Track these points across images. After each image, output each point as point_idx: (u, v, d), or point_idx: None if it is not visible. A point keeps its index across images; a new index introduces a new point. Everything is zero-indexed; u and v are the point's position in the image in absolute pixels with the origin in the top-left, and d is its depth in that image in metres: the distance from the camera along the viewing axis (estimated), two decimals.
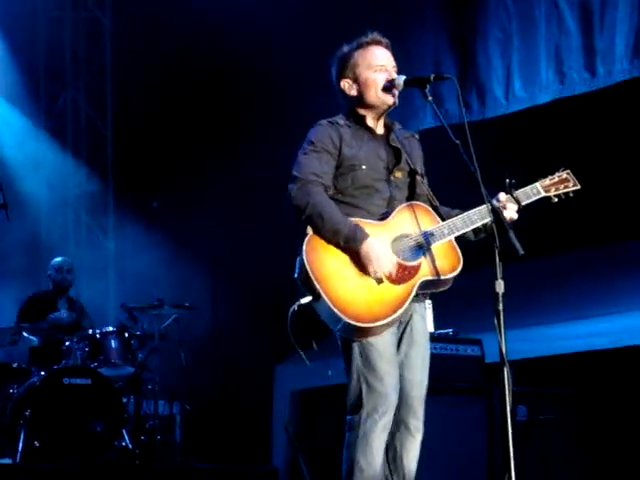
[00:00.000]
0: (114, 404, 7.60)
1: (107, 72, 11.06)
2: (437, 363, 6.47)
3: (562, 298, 7.92)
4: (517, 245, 3.92)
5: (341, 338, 4.16)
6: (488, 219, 4.11)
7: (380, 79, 4.27)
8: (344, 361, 4.19)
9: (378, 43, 4.34)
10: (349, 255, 4.07)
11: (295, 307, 4.06)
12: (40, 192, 10.48)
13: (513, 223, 4.19)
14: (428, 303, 4.34)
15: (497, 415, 6.56)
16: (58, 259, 8.87)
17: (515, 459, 3.77)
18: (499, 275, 3.88)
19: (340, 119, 4.32)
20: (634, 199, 8.32)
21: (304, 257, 4.03)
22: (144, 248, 9.81)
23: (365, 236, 4.05)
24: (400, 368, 4.19)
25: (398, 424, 4.20)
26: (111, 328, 8.08)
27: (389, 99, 4.27)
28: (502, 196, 4.26)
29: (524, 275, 7.25)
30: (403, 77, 4.24)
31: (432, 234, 4.15)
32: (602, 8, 7.76)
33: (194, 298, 8.56)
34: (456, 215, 4.24)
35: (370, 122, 4.34)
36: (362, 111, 4.33)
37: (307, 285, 4.03)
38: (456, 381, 6.72)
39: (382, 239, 4.11)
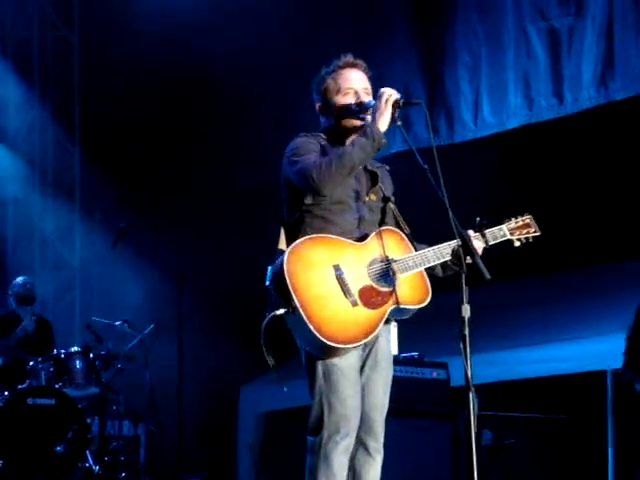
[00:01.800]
0: (78, 425, 7.54)
1: (75, 91, 11.01)
2: (403, 386, 6.56)
3: (528, 322, 7.96)
4: (484, 270, 3.92)
5: (306, 357, 4.14)
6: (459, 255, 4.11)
7: (347, 102, 4.26)
8: (308, 381, 4.16)
9: (352, 66, 4.33)
10: (327, 271, 4.03)
11: (269, 318, 4.01)
12: (5, 212, 10.40)
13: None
14: (393, 325, 4.34)
15: (462, 439, 6.58)
16: (19, 278, 8.85)
17: None
18: (465, 299, 3.88)
19: (319, 135, 4.31)
20: (599, 225, 8.40)
21: (285, 266, 3.98)
22: (110, 267, 9.77)
23: (371, 125, 4.05)
24: (362, 390, 4.16)
25: (357, 446, 4.17)
26: (76, 348, 8.05)
27: (357, 123, 4.25)
28: (471, 233, 4.29)
29: (491, 299, 7.29)
30: (373, 102, 4.23)
31: (405, 263, 4.16)
32: (570, 35, 7.82)
33: (160, 317, 8.54)
34: (424, 248, 4.25)
35: (348, 142, 4.28)
36: (339, 131, 4.31)
37: (283, 296, 3.99)
38: (421, 404, 6.72)
39: (359, 261, 4.11)
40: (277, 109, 9.19)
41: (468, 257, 4.01)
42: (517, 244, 4.44)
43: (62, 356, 7.95)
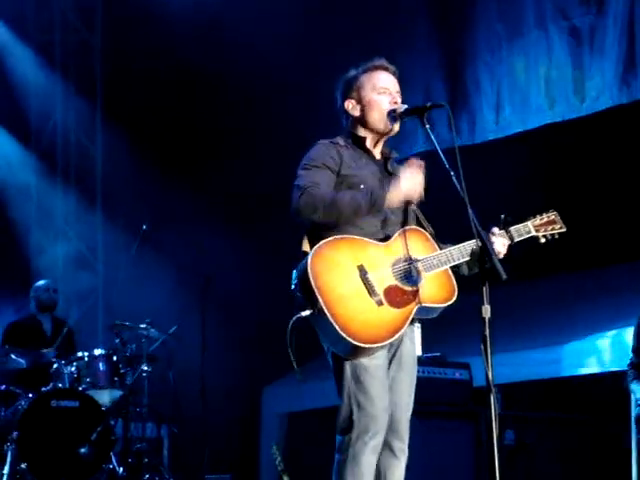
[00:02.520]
0: (102, 427, 7.56)
1: (97, 94, 11.06)
2: (425, 386, 6.53)
3: (550, 322, 7.93)
4: (500, 270, 3.92)
5: (333, 358, 4.16)
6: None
7: (383, 101, 4.32)
8: (335, 382, 4.18)
9: (385, 69, 4.40)
10: (352, 272, 4.06)
11: (295, 319, 4.03)
12: (29, 216, 10.46)
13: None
14: (417, 326, 4.35)
15: (484, 439, 6.57)
16: (42, 281, 8.88)
17: None
18: (486, 300, 3.87)
19: (340, 140, 4.35)
20: (618, 224, 8.38)
21: (309, 267, 4.01)
22: (134, 271, 9.79)
23: (380, 190, 4.11)
24: (388, 391, 4.18)
25: (383, 447, 4.18)
26: (100, 351, 8.05)
27: (394, 126, 4.32)
28: (496, 230, 4.32)
29: (511, 299, 7.27)
30: (404, 106, 4.30)
31: (430, 261, 4.18)
32: (591, 35, 7.80)
33: (183, 320, 8.55)
34: (449, 247, 4.27)
35: (369, 145, 4.38)
36: (363, 132, 4.38)
37: (308, 297, 4.01)
38: (444, 405, 6.72)
39: (384, 261, 4.13)
40: (299, 111, 9.20)
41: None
42: (542, 240, 4.46)
43: (86, 359, 7.97)
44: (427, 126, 4.20)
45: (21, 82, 10.53)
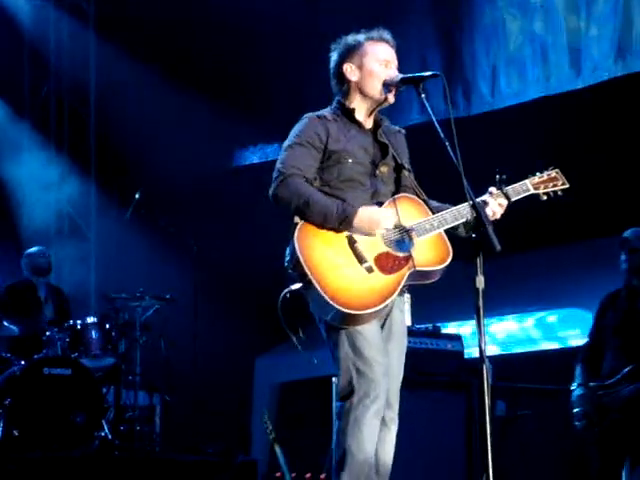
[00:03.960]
0: (94, 394, 7.58)
1: (91, 61, 10.98)
2: (417, 357, 6.58)
3: (542, 293, 7.96)
4: (495, 241, 3.92)
5: (327, 328, 4.17)
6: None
7: (384, 73, 4.30)
8: (331, 351, 4.19)
9: (387, 42, 4.39)
10: (340, 242, 4.09)
11: (286, 293, 4.07)
12: (21, 181, 10.39)
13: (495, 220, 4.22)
14: (407, 297, 4.35)
15: (476, 410, 6.59)
16: (35, 248, 8.82)
17: (493, 454, 3.75)
18: (479, 271, 3.88)
19: (327, 112, 4.35)
20: (613, 196, 8.38)
21: (296, 243, 4.05)
22: (126, 239, 9.78)
23: (355, 209, 4.08)
24: None
25: None
26: (92, 319, 8.07)
27: (389, 97, 4.31)
28: (493, 189, 4.29)
29: (507, 271, 7.28)
30: (400, 75, 4.29)
31: (422, 226, 4.18)
32: (588, 8, 7.78)
33: (176, 289, 8.56)
34: (445, 209, 4.26)
35: (359, 116, 4.36)
36: (354, 103, 4.36)
37: (298, 272, 4.04)
38: (436, 375, 6.74)
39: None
40: (291, 82, 9.17)
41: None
42: (544, 198, 4.43)
43: (78, 326, 7.97)
44: (422, 96, 4.20)
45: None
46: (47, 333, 7.86)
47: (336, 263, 4.05)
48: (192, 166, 9.84)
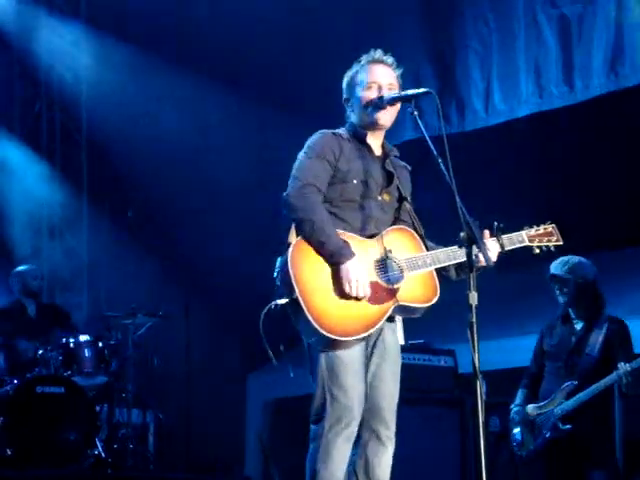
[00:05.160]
0: (87, 413, 7.56)
1: (82, 77, 10.93)
2: (410, 373, 6.55)
3: (534, 310, 7.95)
4: (488, 257, 4.01)
5: (308, 348, 4.18)
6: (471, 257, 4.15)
7: (370, 96, 4.31)
8: (310, 371, 4.20)
9: (379, 62, 4.40)
10: (332, 266, 4.08)
11: (271, 306, 4.07)
12: (13, 199, 10.35)
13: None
14: (398, 318, 4.35)
15: (470, 426, 6.59)
16: (26, 266, 8.77)
17: (488, 470, 3.74)
18: (472, 287, 3.87)
19: (343, 132, 4.37)
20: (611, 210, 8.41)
21: (289, 257, 4.04)
22: (118, 257, 9.76)
23: (350, 256, 4.06)
24: (372, 379, 4.22)
25: (370, 434, 4.22)
26: (85, 337, 8.05)
27: (373, 118, 4.31)
28: (487, 234, 4.31)
29: (498, 287, 7.27)
30: (391, 94, 4.30)
31: (415, 262, 4.20)
32: (580, 22, 7.79)
33: (168, 307, 8.54)
34: (440, 249, 4.28)
35: (370, 140, 4.38)
36: (362, 129, 4.38)
37: (286, 286, 4.04)
38: (429, 392, 6.74)
39: (367, 258, 4.15)
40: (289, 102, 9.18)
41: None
42: (537, 251, 4.46)
43: (71, 345, 7.96)
44: (415, 113, 4.20)
45: None
46: (40, 352, 7.84)
47: (325, 286, 4.05)
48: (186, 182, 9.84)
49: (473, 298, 3.85)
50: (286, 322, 4.10)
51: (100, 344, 8.05)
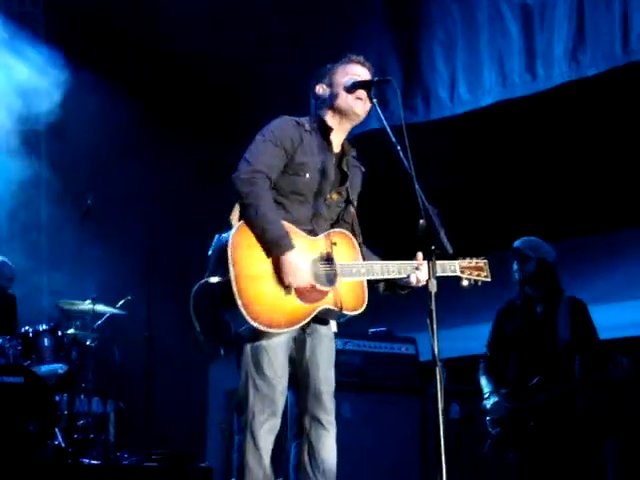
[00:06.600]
0: (47, 402, 7.49)
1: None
2: (371, 361, 6.59)
3: (495, 296, 7.99)
4: (447, 245, 4.01)
5: (235, 335, 4.16)
6: (403, 275, 4.27)
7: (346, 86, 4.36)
8: (235, 360, 4.23)
9: (360, 63, 4.47)
10: (271, 256, 4.09)
11: (202, 283, 4.07)
12: None
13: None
14: None
15: (430, 413, 6.61)
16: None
17: (447, 456, 3.76)
18: (432, 274, 3.91)
19: (306, 122, 4.37)
20: (573, 198, 8.46)
21: (231, 238, 4.04)
22: (78, 245, 9.67)
23: (290, 247, 4.08)
24: (308, 366, 4.25)
25: (311, 421, 4.25)
26: (44, 326, 8.00)
27: (356, 107, 4.35)
28: (419, 255, 4.33)
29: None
30: (352, 80, 4.35)
31: (350, 269, 4.23)
32: (542, 11, 7.80)
33: (128, 294, 8.49)
34: (375, 259, 4.35)
35: (333, 136, 4.39)
36: (330, 120, 4.39)
37: (221, 265, 4.03)
38: (390, 379, 6.75)
39: (306, 255, 4.17)
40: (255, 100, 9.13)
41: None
42: (465, 283, 4.54)
43: (30, 334, 7.91)
44: (374, 100, 4.25)
45: None
46: None
47: (260, 273, 4.05)
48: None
49: (433, 285, 3.89)
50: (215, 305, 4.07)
51: (59, 333, 8.01)
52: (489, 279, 4.57)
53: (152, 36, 9.45)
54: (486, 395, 6.15)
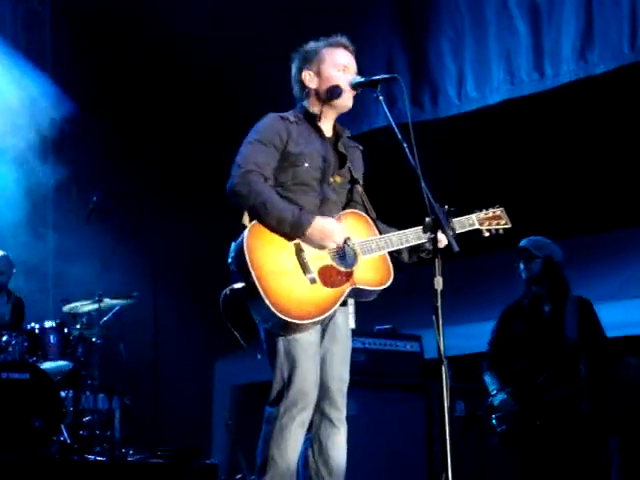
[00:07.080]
0: (52, 399, 7.50)
1: (47, 64, 10.79)
2: (376, 358, 6.59)
3: (500, 294, 7.99)
4: (453, 243, 3.99)
5: (265, 333, 4.18)
6: (424, 240, 4.23)
7: (341, 78, 4.33)
8: (267, 355, 4.21)
9: (345, 47, 4.42)
10: (288, 249, 4.09)
11: (227, 291, 4.07)
12: None
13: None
14: (351, 301, 4.35)
15: (435, 410, 6.60)
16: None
17: (453, 454, 3.75)
18: (438, 272, 3.88)
19: (291, 115, 4.35)
20: (580, 196, 8.45)
21: (245, 241, 4.02)
22: (85, 243, 9.68)
23: (311, 217, 4.08)
24: (322, 362, 4.24)
25: (321, 419, 4.25)
26: (50, 323, 8.00)
27: (346, 100, 4.33)
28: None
29: (463, 272, 7.30)
30: (357, 78, 4.32)
31: (368, 245, 4.22)
32: (550, 9, 7.80)
33: (135, 291, 8.48)
34: (392, 232, 4.31)
35: (321, 122, 4.38)
36: (316, 109, 4.38)
37: (242, 270, 4.02)
38: (395, 377, 6.75)
39: None
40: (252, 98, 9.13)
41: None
42: (486, 234, 4.54)
43: (36, 331, 7.91)
44: (380, 98, 4.22)
45: None
46: (4, 338, 7.77)
47: (281, 269, 4.05)
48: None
49: (438, 283, 3.87)
50: (243, 309, 4.09)
51: (65, 330, 8.01)
52: (509, 225, 4.56)
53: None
54: (493, 392, 6.14)
